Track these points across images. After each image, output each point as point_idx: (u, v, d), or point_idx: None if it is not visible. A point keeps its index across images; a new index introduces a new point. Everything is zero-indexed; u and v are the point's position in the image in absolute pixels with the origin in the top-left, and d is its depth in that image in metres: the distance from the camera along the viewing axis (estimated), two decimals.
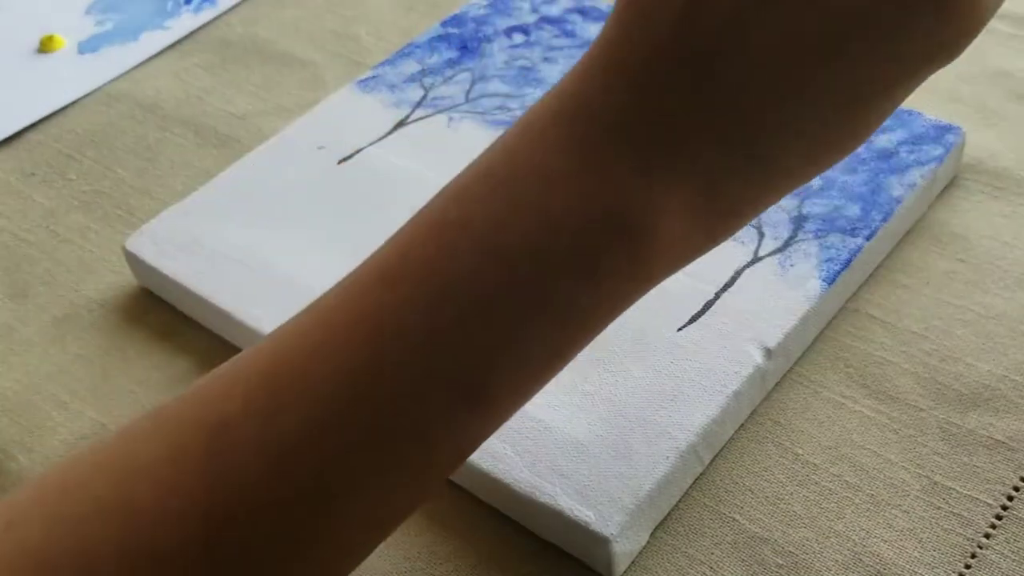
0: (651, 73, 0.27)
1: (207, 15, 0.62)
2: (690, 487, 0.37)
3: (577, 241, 0.27)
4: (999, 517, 0.35)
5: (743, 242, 0.42)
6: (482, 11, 0.55)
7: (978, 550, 0.35)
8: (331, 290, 0.29)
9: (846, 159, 0.45)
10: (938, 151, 0.45)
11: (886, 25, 0.26)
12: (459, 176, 0.29)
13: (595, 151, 0.28)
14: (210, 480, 0.26)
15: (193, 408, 0.28)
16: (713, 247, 0.30)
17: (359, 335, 0.27)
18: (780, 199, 0.30)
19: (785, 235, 0.42)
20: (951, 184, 0.47)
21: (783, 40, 0.26)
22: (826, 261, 0.41)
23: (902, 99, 0.28)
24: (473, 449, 0.29)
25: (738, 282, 0.41)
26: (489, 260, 0.27)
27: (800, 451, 0.38)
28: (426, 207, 0.29)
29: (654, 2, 0.28)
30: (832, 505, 0.36)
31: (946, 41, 0.27)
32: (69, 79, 0.58)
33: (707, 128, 0.27)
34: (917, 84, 0.28)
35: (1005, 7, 0.55)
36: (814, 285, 0.40)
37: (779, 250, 0.42)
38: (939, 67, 0.28)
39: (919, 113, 0.46)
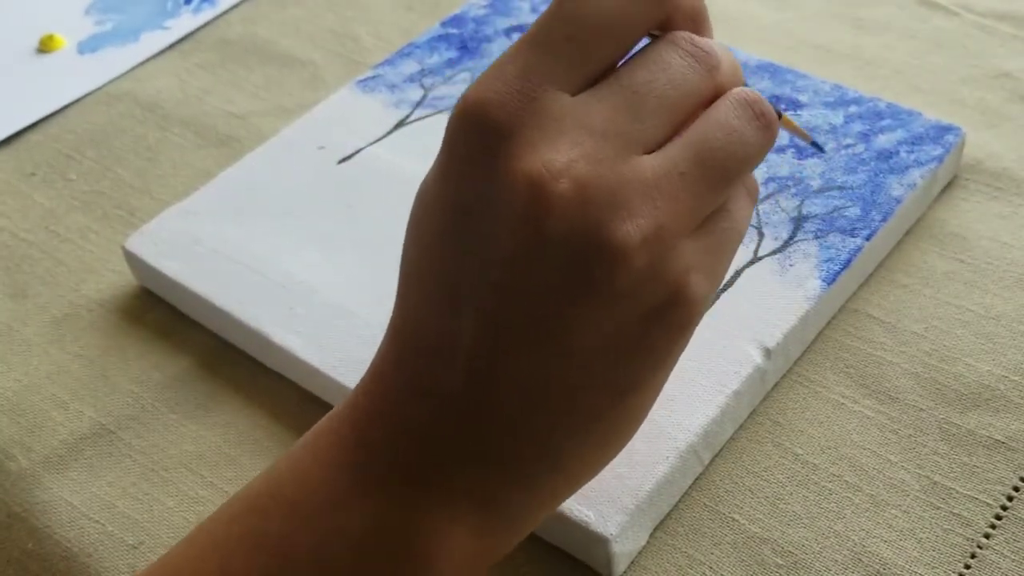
0: (405, 414, 0.28)
1: (207, 15, 0.62)
2: (690, 487, 0.37)
3: (362, 560, 0.28)
4: (999, 517, 0.35)
5: (743, 243, 0.42)
6: (482, 11, 0.55)
7: (978, 550, 0.35)
8: None
9: (844, 161, 0.45)
10: (938, 151, 0.45)
11: (625, 344, 0.27)
12: (243, 491, 0.30)
13: (372, 476, 0.28)
14: None
15: None
16: (513, 547, 0.30)
17: None
18: (576, 491, 0.31)
19: (785, 235, 0.42)
20: (951, 184, 0.47)
21: (529, 377, 0.27)
22: (826, 261, 0.41)
23: (668, 373, 0.30)
24: None
25: (738, 282, 0.41)
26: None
27: (800, 451, 0.38)
28: (207, 521, 0.30)
29: (404, 350, 0.29)
30: (832, 505, 0.36)
31: (683, 321, 0.28)
32: (69, 79, 0.58)
33: (471, 456, 0.28)
34: (675, 359, 0.29)
35: (1005, 7, 0.55)
36: (814, 285, 0.40)
37: (779, 250, 0.42)
38: (687, 338, 0.29)
39: (919, 113, 0.46)
